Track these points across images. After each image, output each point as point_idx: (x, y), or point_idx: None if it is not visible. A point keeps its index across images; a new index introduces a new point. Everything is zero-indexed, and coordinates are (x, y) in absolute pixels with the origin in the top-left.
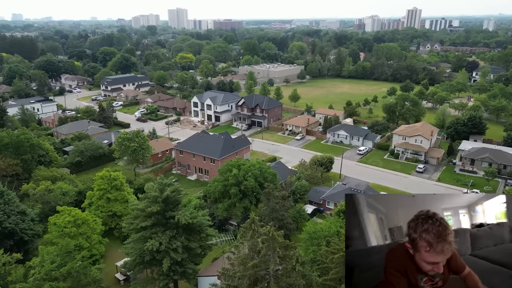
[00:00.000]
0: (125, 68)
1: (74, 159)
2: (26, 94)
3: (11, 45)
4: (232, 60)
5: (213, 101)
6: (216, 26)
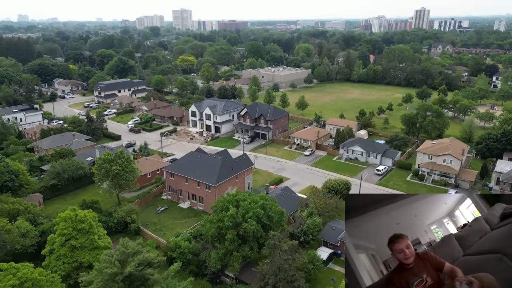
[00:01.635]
0: (122, 72)
1: (49, 182)
2: (15, 101)
3: (6, 47)
4: (236, 63)
5: (212, 111)
6: (220, 27)
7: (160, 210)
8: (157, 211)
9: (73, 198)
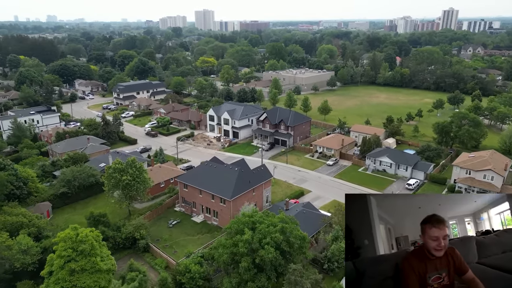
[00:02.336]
0: (142, 73)
1: (59, 190)
2: (35, 102)
3: (31, 47)
4: (256, 65)
5: (231, 115)
6: (242, 28)
7: (172, 223)
8: (169, 224)
9: (83, 208)
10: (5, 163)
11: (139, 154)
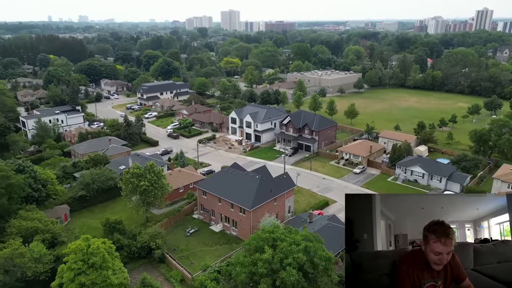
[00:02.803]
0: (166, 73)
1: (77, 193)
2: (61, 101)
3: (61, 47)
4: (281, 66)
5: (253, 118)
6: (267, 28)
7: (190, 232)
8: (186, 233)
9: (100, 211)
10: (24, 164)
11: (159, 157)
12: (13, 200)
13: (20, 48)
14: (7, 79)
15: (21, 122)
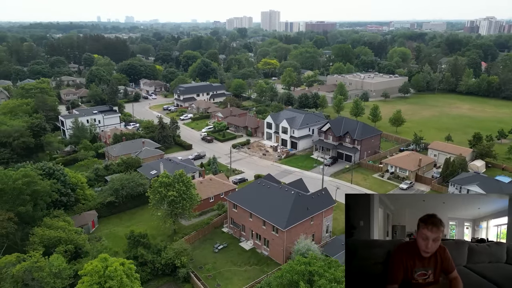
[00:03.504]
0: (204, 74)
1: (106, 199)
2: (102, 100)
3: (105, 46)
4: (321, 68)
5: (290, 124)
6: (307, 29)
7: (218, 248)
8: (214, 249)
9: (129, 219)
10: (54, 168)
11: (191, 162)
12: (39, 206)
13: (67, 47)
14: (53, 77)
15: (60, 121)
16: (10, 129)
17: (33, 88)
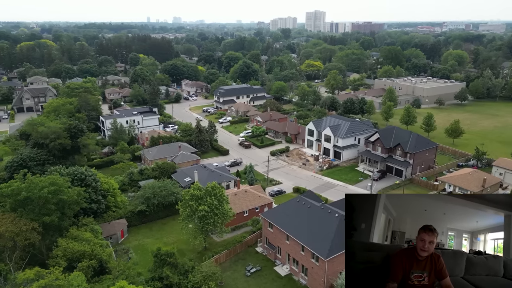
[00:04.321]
0: (245, 76)
1: (137, 208)
2: (144, 100)
3: (151, 46)
4: (368, 70)
5: (334, 132)
6: (353, 29)
7: (251, 271)
8: (246, 271)
9: (159, 229)
10: (86, 173)
11: (226, 170)
12: (66, 215)
13: (115, 46)
14: (100, 76)
15: (101, 121)
16: (47, 130)
17: (78, 87)
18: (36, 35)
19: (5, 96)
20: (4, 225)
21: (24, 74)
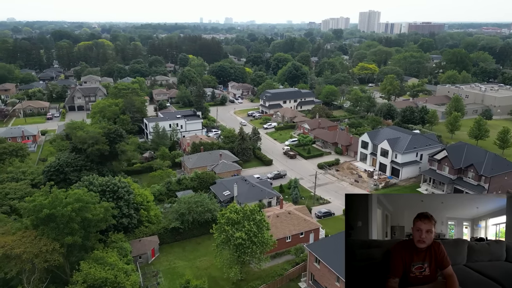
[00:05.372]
0: (293, 79)
1: (170, 224)
2: (189, 102)
3: (200, 47)
4: (428, 75)
5: (392, 145)
6: (410, 30)
7: None
8: None
9: (193, 249)
10: (119, 185)
11: (268, 184)
12: (91, 234)
13: (166, 47)
14: (150, 76)
15: (144, 124)
16: (85, 135)
17: (125, 87)
18: (95, 35)
19: (59, 95)
20: (23, 244)
21: (79, 72)
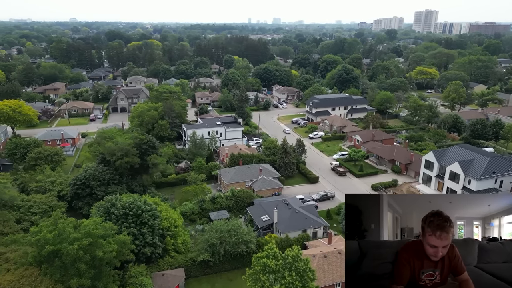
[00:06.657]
0: (343, 83)
1: (199, 256)
2: (232, 106)
3: (246, 48)
4: (498, 82)
5: (465, 169)
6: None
7: None
8: None
9: (224, 286)
10: (144, 208)
11: (314, 210)
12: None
13: (213, 47)
14: (194, 77)
15: (183, 130)
16: (114, 146)
17: (166, 91)
18: (146, 35)
19: (104, 95)
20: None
21: (127, 73)
